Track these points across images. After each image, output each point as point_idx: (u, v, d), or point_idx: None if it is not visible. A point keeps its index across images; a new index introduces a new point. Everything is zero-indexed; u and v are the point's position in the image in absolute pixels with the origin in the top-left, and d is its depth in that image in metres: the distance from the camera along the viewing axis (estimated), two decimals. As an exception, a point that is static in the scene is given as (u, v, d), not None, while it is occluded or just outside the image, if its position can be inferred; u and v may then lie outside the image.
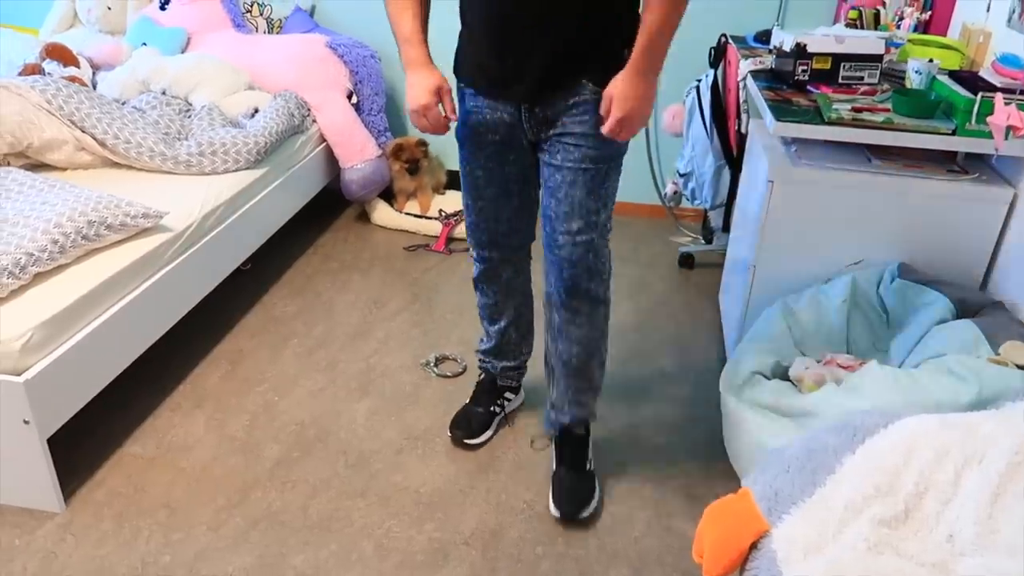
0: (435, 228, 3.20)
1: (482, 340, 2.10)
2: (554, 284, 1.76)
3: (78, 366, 1.80)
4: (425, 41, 1.67)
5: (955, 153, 2.09)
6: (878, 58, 2.16)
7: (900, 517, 1.24)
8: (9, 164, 2.37)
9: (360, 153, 3.12)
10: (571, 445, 1.92)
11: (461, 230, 3.19)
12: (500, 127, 1.68)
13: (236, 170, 2.55)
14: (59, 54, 2.94)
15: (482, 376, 2.16)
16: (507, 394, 2.15)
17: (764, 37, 2.80)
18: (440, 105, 1.67)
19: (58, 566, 1.68)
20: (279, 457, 2.01)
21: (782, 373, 1.95)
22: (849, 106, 2.03)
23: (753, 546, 1.30)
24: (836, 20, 2.92)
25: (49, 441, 1.74)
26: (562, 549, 1.75)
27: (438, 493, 1.91)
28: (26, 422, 1.68)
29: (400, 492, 1.90)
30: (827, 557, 1.20)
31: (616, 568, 1.71)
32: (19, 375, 1.66)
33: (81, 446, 2.01)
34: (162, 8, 3.25)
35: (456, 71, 1.74)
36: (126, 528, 1.78)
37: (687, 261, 3.08)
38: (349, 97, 3.16)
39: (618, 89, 1.49)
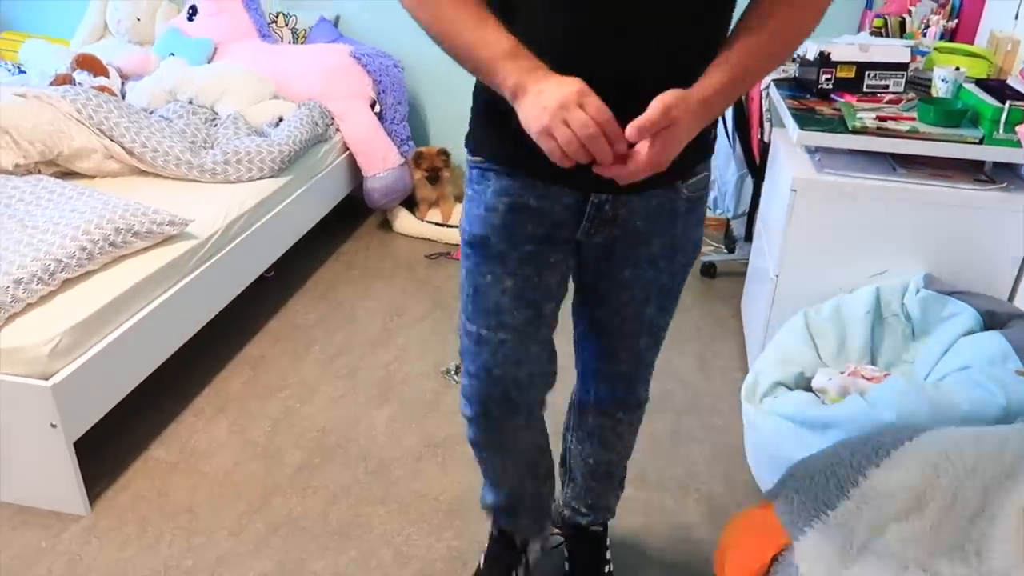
0: (456, 236, 3.21)
1: (485, 493, 1.55)
2: (595, 393, 1.46)
3: (104, 371, 1.82)
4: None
5: (982, 163, 2.06)
6: (903, 66, 2.14)
7: (925, 532, 1.22)
8: (40, 172, 2.41)
9: (383, 162, 3.14)
10: (588, 544, 1.63)
11: (482, 238, 3.20)
12: (546, 220, 1.16)
13: (260, 178, 2.58)
14: (89, 64, 3.00)
15: (494, 534, 1.63)
16: (532, 544, 1.64)
17: (788, 46, 2.79)
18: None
19: (83, 568, 1.70)
20: (300, 463, 2.02)
21: (805, 384, 1.93)
22: (874, 115, 2.01)
23: (774, 559, 1.29)
24: (861, 28, 2.90)
25: (75, 445, 1.77)
26: (581, 559, 1.74)
27: (457, 501, 1.91)
28: (53, 426, 1.71)
29: (420, 500, 1.91)
30: (851, 573, 1.19)
31: (636, 579, 1.70)
32: (47, 379, 1.69)
33: (106, 450, 2.04)
34: (189, 19, 3.30)
35: (475, 143, 1.19)
36: (149, 532, 1.80)
37: (709, 270, 3.06)
38: (372, 106, 3.19)
39: (681, 115, 0.94)
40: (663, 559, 1.75)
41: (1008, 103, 1.84)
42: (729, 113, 2.71)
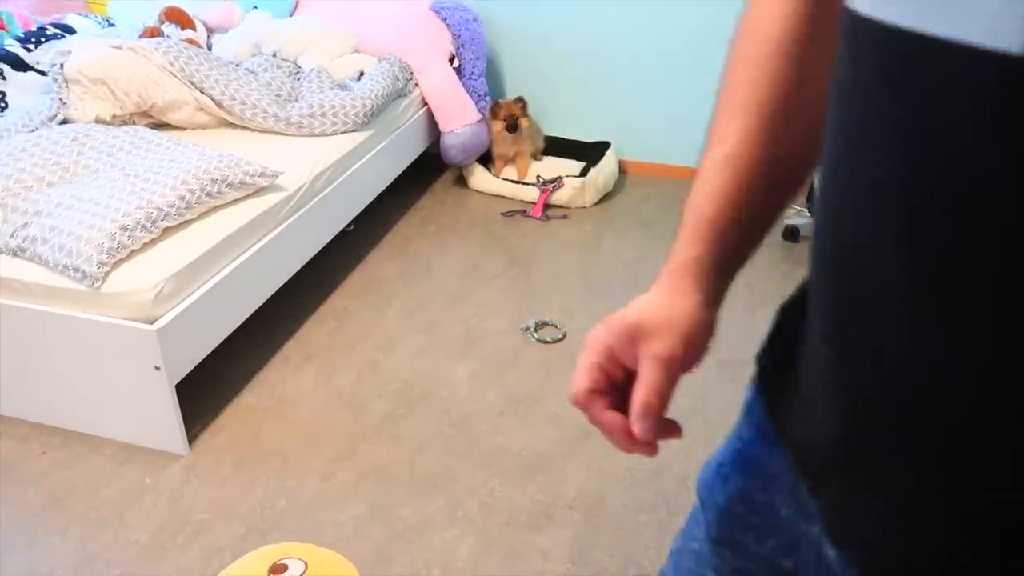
0: (532, 194, 3.20)
1: None
2: None
3: (204, 316, 1.89)
4: (739, 222, 0.63)
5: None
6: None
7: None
8: (135, 123, 2.48)
9: (461, 117, 3.13)
10: None
11: (558, 196, 3.18)
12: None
13: (344, 132, 2.60)
14: (177, 17, 3.05)
15: None
16: None
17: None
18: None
19: (185, 504, 1.78)
20: (385, 413, 2.06)
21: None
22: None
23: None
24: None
25: (175, 388, 1.84)
26: (665, 518, 1.75)
27: (539, 456, 1.93)
28: (157, 368, 1.78)
29: (502, 453, 1.93)
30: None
31: (720, 540, 1.69)
32: (151, 323, 1.75)
33: (201, 394, 2.11)
34: (272, -29, 3.32)
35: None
36: (244, 473, 1.87)
37: (792, 234, 2.99)
38: (451, 61, 3.17)
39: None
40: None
41: None
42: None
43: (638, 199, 3.33)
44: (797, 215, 3.14)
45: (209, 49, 3.06)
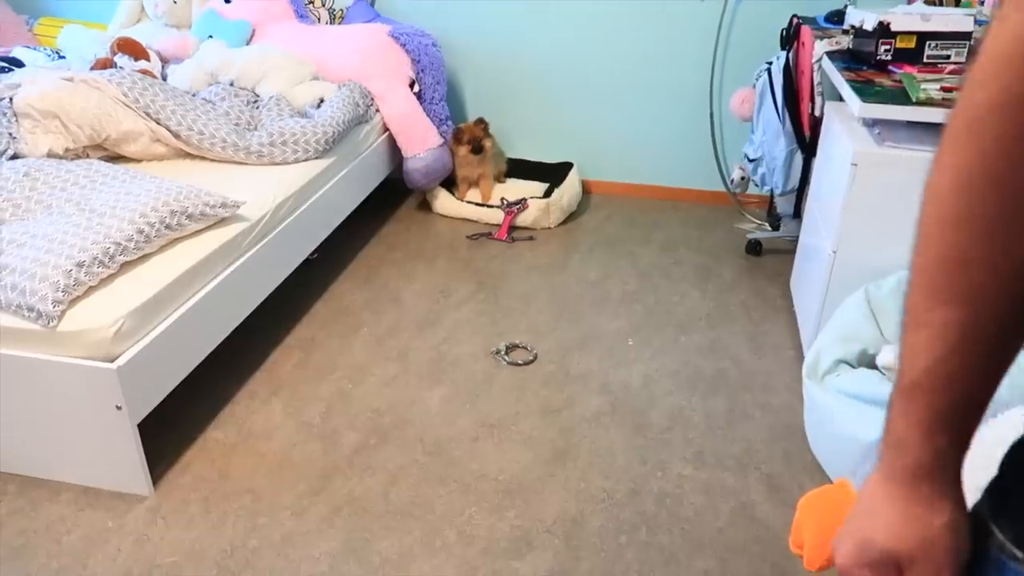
0: (497, 216, 3.19)
1: None
2: None
3: (166, 352, 1.83)
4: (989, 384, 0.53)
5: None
6: (967, 35, 2.08)
7: (1017, 510, 1.20)
8: (88, 156, 2.42)
9: (423, 142, 3.12)
10: None
11: (523, 218, 3.18)
12: None
13: (305, 160, 2.57)
14: (130, 48, 3.00)
15: None
16: None
17: (836, 17, 2.73)
18: None
19: (151, 548, 1.71)
20: (357, 444, 2.02)
21: (868, 362, 1.90)
22: (938, 86, 1.96)
23: (858, 538, 1.26)
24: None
25: (137, 427, 1.78)
26: (646, 538, 1.74)
27: (517, 481, 1.90)
28: (118, 408, 1.72)
29: (479, 480, 1.90)
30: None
31: (702, 558, 1.68)
32: (111, 362, 1.70)
33: (165, 432, 2.05)
34: (227, 1, 3.29)
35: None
36: (213, 512, 1.81)
37: (755, 248, 3.02)
38: (411, 86, 3.16)
39: None
40: (727, 536, 1.74)
41: (1081, 71, 1.78)
42: (779, 87, 2.66)
43: (602, 218, 3.35)
44: (759, 229, 3.19)
45: (164, 79, 3.01)
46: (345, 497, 1.85)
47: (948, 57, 2.11)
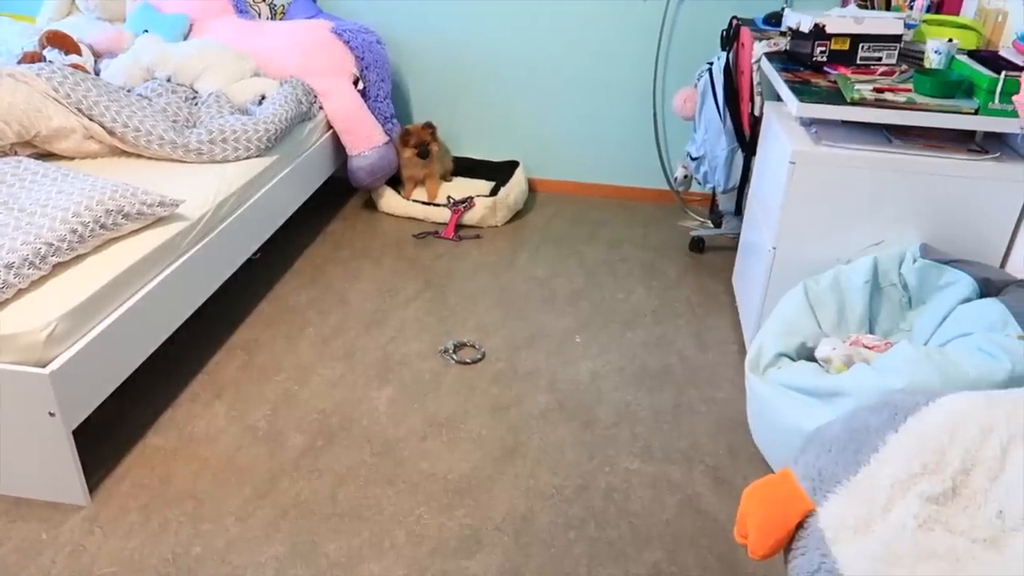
0: (443, 215, 3.18)
1: None
2: None
3: (101, 356, 1.77)
4: None
5: (973, 133, 2.09)
6: (897, 38, 2.15)
7: (948, 494, 1.25)
8: (16, 154, 2.32)
9: (367, 140, 3.09)
10: None
11: (470, 216, 3.17)
12: None
13: (247, 157, 2.51)
14: (60, 41, 2.89)
15: None
16: None
17: (774, 19, 2.79)
18: None
19: (87, 559, 1.66)
20: (304, 446, 1.99)
21: (807, 355, 1.96)
22: (871, 86, 2.03)
23: (799, 526, 1.30)
24: (846, 2, 2.91)
25: (72, 433, 1.72)
26: (594, 533, 1.75)
27: (466, 479, 1.90)
28: (51, 414, 1.65)
29: (428, 479, 1.90)
30: (877, 535, 1.21)
31: (650, 551, 1.71)
32: (44, 367, 1.63)
33: (102, 438, 1.99)
34: (163, -6, 3.20)
35: None
36: (154, 520, 1.76)
37: (698, 245, 3.08)
38: (355, 83, 3.13)
39: None
40: (674, 529, 1.77)
41: (1003, 74, 1.87)
42: (720, 87, 2.71)
43: (548, 216, 3.37)
44: (702, 227, 3.24)
45: (96, 74, 2.91)
46: (292, 500, 1.82)
47: (880, 59, 2.19)
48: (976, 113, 1.90)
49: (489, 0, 3.28)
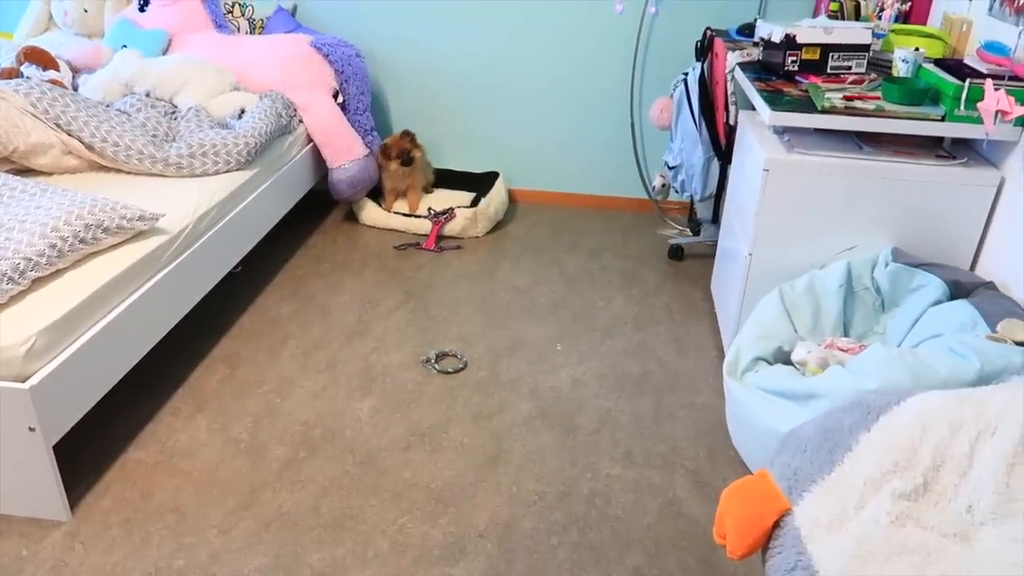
0: (424, 227, 3.20)
1: None
2: None
3: (81, 371, 1.77)
4: None
5: (942, 139, 2.14)
6: (866, 48, 2.20)
7: (919, 490, 1.27)
8: (-6, 170, 2.32)
9: (348, 153, 3.10)
10: None
11: (451, 227, 3.19)
12: None
13: (227, 171, 2.52)
14: (37, 57, 2.89)
15: None
16: None
17: (747, 30, 2.85)
18: None
19: (69, 575, 1.65)
20: (286, 458, 1.99)
21: (784, 358, 1.99)
22: (840, 95, 2.07)
23: (776, 525, 1.32)
24: (816, 13, 2.97)
25: (53, 448, 1.71)
26: (576, 538, 1.77)
27: (449, 488, 1.91)
28: (31, 429, 1.65)
29: (411, 488, 1.90)
30: (851, 532, 1.23)
31: (632, 555, 1.72)
32: (23, 382, 1.63)
33: (83, 453, 1.98)
34: (141, 10, 3.21)
35: None
36: (135, 534, 1.76)
37: (677, 253, 3.11)
38: (335, 97, 3.14)
39: None
40: (656, 532, 1.78)
41: (968, 81, 1.92)
42: (695, 97, 2.76)
43: (529, 226, 3.39)
44: (680, 235, 3.28)
45: (75, 90, 2.91)
46: (274, 512, 1.82)
47: (849, 68, 2.24)
48: (943, 120, 1.95)
49: (468, 13, 3.31)
